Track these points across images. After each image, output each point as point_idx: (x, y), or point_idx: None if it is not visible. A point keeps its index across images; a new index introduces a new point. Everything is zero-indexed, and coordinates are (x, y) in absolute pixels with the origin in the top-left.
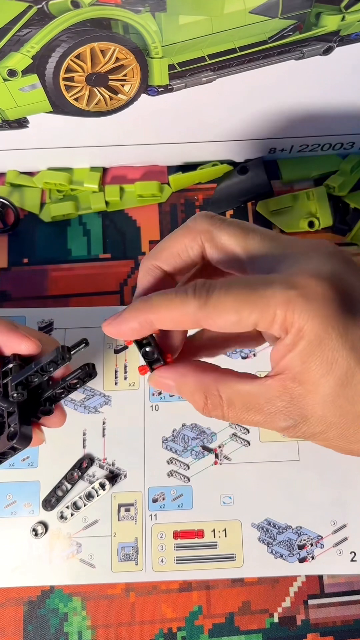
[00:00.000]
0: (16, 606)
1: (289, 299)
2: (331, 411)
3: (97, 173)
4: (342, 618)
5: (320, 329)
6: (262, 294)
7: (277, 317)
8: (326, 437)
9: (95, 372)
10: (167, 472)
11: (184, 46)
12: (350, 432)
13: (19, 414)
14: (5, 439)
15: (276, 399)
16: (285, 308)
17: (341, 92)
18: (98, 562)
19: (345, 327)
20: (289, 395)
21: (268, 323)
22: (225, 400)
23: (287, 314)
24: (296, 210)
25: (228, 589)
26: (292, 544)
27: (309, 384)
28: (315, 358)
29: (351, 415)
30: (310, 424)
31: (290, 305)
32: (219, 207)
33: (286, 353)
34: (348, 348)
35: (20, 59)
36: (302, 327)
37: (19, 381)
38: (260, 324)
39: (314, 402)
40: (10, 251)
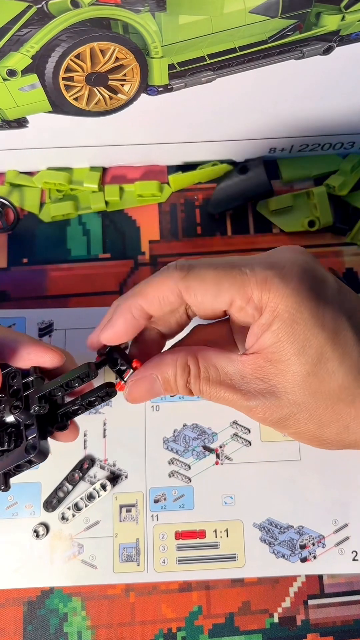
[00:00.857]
0: (16, 606)
1: (265, 278)
2: (302, 390)
3: (96, 173)
4: (342, 618)
5: (293, 309)
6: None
7: (253, 296)
8: (297, 419)
9: (115, 391)
10: (168, 472)
11: (184, 46)
12: (320, 412)
13: (39, 427)
14: (22, 451)
15: (250, 376)
16: (262, 288)
17: (341, 92)
18: (99, 563)
19: (317, 307)
20: (261, 373)
21: (244, 301)
22: (203, 370)
23: (263, 293)
24: (296, 210)
25: (228, 589)
26: (294, 543)
27: (281, 362)
28: (289, 337)
29: (322, 394)
30: (280, 403)
31: (267, 285)
32: (219, 207)
33: (261, 333)
34: (319, 326)
35: (20, 59)
36: (276, 307)
37: (42, 394)
38: (237, 300)
39: (285, 381)
40: (10, 251)
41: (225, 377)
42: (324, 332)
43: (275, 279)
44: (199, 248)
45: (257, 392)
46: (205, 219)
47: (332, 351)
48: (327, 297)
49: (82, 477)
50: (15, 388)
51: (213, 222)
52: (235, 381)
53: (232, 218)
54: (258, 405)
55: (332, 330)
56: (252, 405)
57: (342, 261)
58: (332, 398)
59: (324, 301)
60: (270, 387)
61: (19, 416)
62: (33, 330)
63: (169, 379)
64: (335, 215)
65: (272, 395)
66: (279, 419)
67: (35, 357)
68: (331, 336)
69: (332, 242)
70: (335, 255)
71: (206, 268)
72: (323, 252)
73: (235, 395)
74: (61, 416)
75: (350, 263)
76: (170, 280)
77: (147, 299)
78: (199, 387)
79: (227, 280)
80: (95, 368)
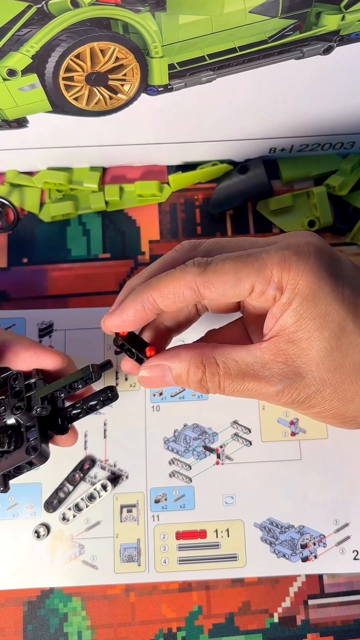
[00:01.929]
0: (16, 606)
1: (283, 257)
2: (326, 366)
3: (96, 173)
4: (342, 618)
5: (314, 284)
6: (258, 256)
7: (273, 277)
8: (322, 397)
9: (116, 395)
10: (169, 472)
11: (184, 46)
12: (344, 387)
13: (40, 429)
14: (22, 452)
15: (271, 362)
16: (281, 267)
17: (341, 91)
18: (100, 563)
19: (335, 283)
20: (284, 356)
21: (265, 283)
22: (222, 367)
23: (283, 272)
24: (296, 210)
25: (228, 589)
26: (295, 543)
27: (303, 341)
28: (310, 313)
29: (345, 368)
30: (306, 383)
31: (286, 264)
32: (219, 207)
33: (281, 313)
34: (339, 301)
35: (20, 59)
36: (297, 284)
37: (44, 395)
38: (257, 286)
39: (309, 359)
40: (10, 251)
41: (247, 367)
42: (344, 306)
43: (293, 257)
44: None
45: (281, 376)
46: (205, 219)
47: (354, 324)
48: (344, 274)
49: (82, 477)
50: (17, 389)
51: (213, 222)
52: (258, 369)
53: (232, 218)
54: (284, 388)
55: (352, 304)
56: (279, 390)
57: None
58: (356, 371)
59: (342, 277)
60: (294, 368)
61: (20, 417)
62: (33, 331)
63: (180, 374)
64: (335, 215)
65: (297, 376)
66: (305, 398)
67: (37, 360)
68: (352, 309)
69: (332, 242)
70: None
71: (223, 261)
72: None
73: (260, 384)
74: (62, 419)
75: None
76: (188, 275)
77: (162, 294)
78: (220, 384)
79: (246, 268)
80: (98, 370)
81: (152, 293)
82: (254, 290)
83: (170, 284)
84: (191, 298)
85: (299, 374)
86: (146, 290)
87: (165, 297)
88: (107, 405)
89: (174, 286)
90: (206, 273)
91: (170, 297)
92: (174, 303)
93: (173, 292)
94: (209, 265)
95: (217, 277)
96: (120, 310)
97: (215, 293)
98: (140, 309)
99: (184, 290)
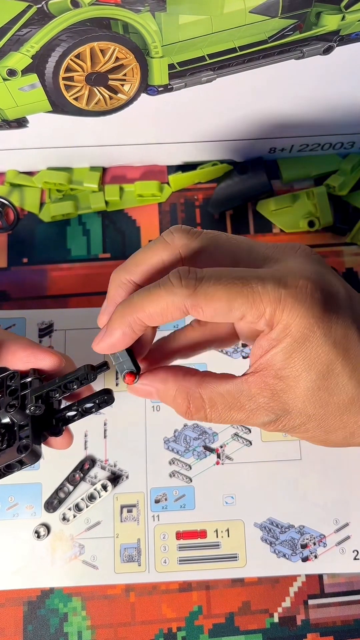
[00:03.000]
0: (16, 606)
1: (279, 297)
2: (312, 403)
3: (96, 173)
4: (342, 618)
5: (306, 328)
6: (254, 288)
7: (266, 313)
8: (306, 428)
9: (112, 398)
10: (169, 472)
11: (184, 46)
12: (328, 422)
13: (32, 428)
14: (14, 451)
15: (258, 395)
16: (276, 306)
17: (341, 91)
18: (101, 563)
19: (329, 325)
20: (270, 391)
21: (256, 317)
22: (208, 402)
23: (277, 311)
24: (296, 210)
25: (228, 589)
26: (295, 543)
27: (290, 379)
28: (299, 354)
29: (330, 406)
30: (291, 417)
31: (281, 304)
32: (219, 207)
33: (269, 348)
34: (330, 344)
35: (20, 59)
36: (289, 325)
37: (38, 394)
38: (248, 316)
39: (295, 396)
40: (10, 251)
41: (233, 400)
42: (335, 349)
43: (289, 298)
44: None
45: (267, 410)
46: (205, 219)
47: (343, 367)
48: (339, 311)
49: (82, 477)
50: (12, 388)
51: (213, 222)
52: (244, 402)
53: (232, 218)
54: (270, 421)
55: (342, 347)
56: (264, 422)
57: (342, 261)
58: (340, 409)
59: (336, 316)
60: (280, 404)
61: (14, 416)
62: (33, 331)
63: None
64: (335, 215)
65: (283, 411)
66: (290, 429)
67: (34, 360)
68: (342, 352)
69: (332, 242)
70: (335, 255)
71: (215, 284)
72: (323, 252)
73: (246, 416)
74: (56, 421)
75: (350, 263)
76: (176, 297)
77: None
78: (207, 416)
79: (239, 299)
80: (93, 371)
81: (138, 314)
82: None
83: (157, 305)
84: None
85: (285, 409)
86: (131, 311)
87: (152, 318)
88: (102, 408)
89: (162, 307)
90: (196, 296)
91: (156, 317)
92: (161, 322)
93: (160, 313)
94: (199, 288)
95: (207, 302)
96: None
97: (204, 316)
98: (128, 332)
99: (173, 312)
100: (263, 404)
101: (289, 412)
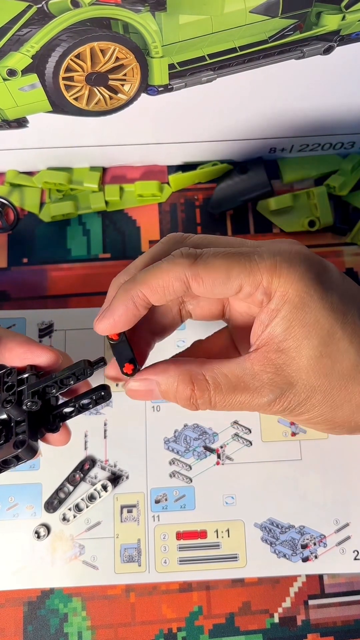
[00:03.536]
0: (16, 607)
1: (275, 263)
2: (315, 373)
3: (96, 173)
4: (342, 618)
5: (303, 292)
6: (251, 257)
7: (263, 281)
8: (312, 404)
9: (109, 394)
10: (169, 473)
11: (184, 46)
12: (334, 393)
13: (29, 424)
14: (10, 446)
15: (261, 372)
16: (272, 273)
17: (341, 91)
18: (101, 563)
19: (324, 289)
20: (273, 366)
21: (254, 286)
22: (212, 383)
23: (274, 278)
24: (296, 210)
25: (228, 590)
26: (295, 543)
27: (292, 350)
28: (299, 321)
29: (334, 374)
30: (296, 390)
31: (277, 271)
32: (219, 207)
33: (269, 321)
34: (328, 308)
35: (20, 59)
36: (286, 291)
37: (35, 390)
38: (246, 287)
39: (299, 367)
40: (10, 251)
41: (237, 380)
42: (333, 313)
43: (284, 264)
44: None
45: (272, 386)
46: (205, 219)
47: (342, 331)
48: (333, 283)
49: (83, 477)
50: (9, 384)
51: (213, 222)
52: (248, 381)
53: (232, 218)
54: (276, 398)
55: (340, 312)
56: (270, 400)
57: (342, 261)
58: (345, 377)
59: (330, 285)
60: (284, 377)
61: (10, 411)
62: (33, 331)
63: (168, 390)
64: (335, 215)
65: (288, 385)
66: (296, 405)
67: (31, 356)
68: (340, 317)
69: (332, 242)
70: (336, 255)
71: (214, 255)
72: (323, 252)
73: (251, 395)
74: (53, 417)
75: (350, 263)
76: (178, 267)
77: (151, 287)
78: (211, 400)
79: (237, 267)
80: (90, 366)
81: (141, 288)
82: (241, 291)
83: (159, 277)
84: (180, 290)
85: (289, 382)
86: (134, 285)
87: (154, 290)
88: (99, 404)
89: (163, 279)
90: (196, 266)
91: (159, 290)
92: (164, 296)
93: (162, 285)
94: (199, 259)
95: (207, 271)
96: (110, 311)
97: (204, 288)
98: (131, 307)
99: (174, 283)
100: (267, 380)
101: (293, 385)
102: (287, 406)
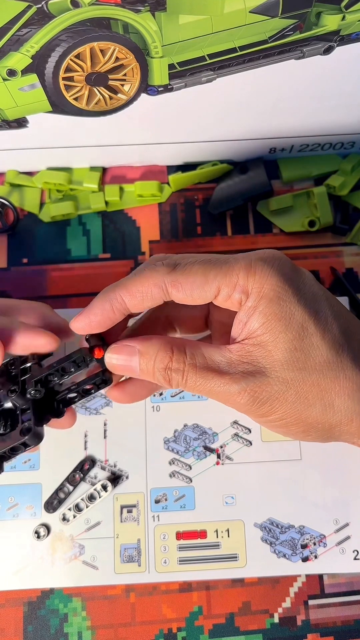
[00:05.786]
0: (16, 607)
1: (249, 263)
2: (289, 365)
3: (96, 173)
4: (342, 618)
5: (278, 287)
6: (226, 261)
7: (239, 281)
8: (285, 398)
9: (111, 379)
10: (169, 473)
11: (184, 46)
12: (306, 389)
13: (34, 411)
14: (17, 433)
15: (237, 362)
16: (247, 271)
17: (341, 91)
18: (101, 563)
19: (298, 285)
20: (250, 358)
21: (231, 287)
22: (189, 357)
23: (249, 276)
24: (296, 210)
25: (228, 590)
26: (295, 543)
27: (269, 344)
28: (275, 314)
29: (307, 369)
30: (268, 381)
31: (252, 269)
32: (219, 207)
33: (248, 318)
34: (302, 303)
35: (20, 59)
36: (262, 287)
37: (38, 378)
38: (223, 289)
39: (274, 360)
40: (10, 251)
41: (213, 363)
42: (306, 308)
43: (259, 262)
44: (199, 248)
45: (245, 374)
46: (205, 219)
47: (315, 326)
48: (305, 283)
49: (82, 477)
50: (13, 374)
51: (213, 222)
52: (223, 367)
53: (232, 218)
54: (247, 386)
55: (313, 308)
56: (241, 387)
57: (342, 261)
58: (317, 373)
59: (304, 283)
60: (258, 368)
61: (15, 400)
62: None
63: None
64: (335, 215)
65: (261, 374)
66: (267, 398)
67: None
68: (312, 313)
69: (332, 242)
70: (336, 255)
71: (192, 263)
72: (323, 252)
73: (223, 380)
74: (57, 403)
75: (350, 263)
76: (158, 274)
77: (130, 292)
78: (183, 375)
79: (214, 270)
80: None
81: (120, 292)
82: (219, 293)
83: (138, 282)
84: (159, 297)
85: (263, 372)
86: (114, 289)
87: (133, 295)
88: (101, 389)
89: (143, 285)
90: (175, 272)
91: (138, 295)
92: (142, 302)
93: (141, 291)
94: (178, 266)
95: (185, 277)
96: (87, 310)
97: (183, 293)
98: (108, 309)
99: (152, 289)
100: (242, 369)
101: (266, 376)
102: (257, 396)
